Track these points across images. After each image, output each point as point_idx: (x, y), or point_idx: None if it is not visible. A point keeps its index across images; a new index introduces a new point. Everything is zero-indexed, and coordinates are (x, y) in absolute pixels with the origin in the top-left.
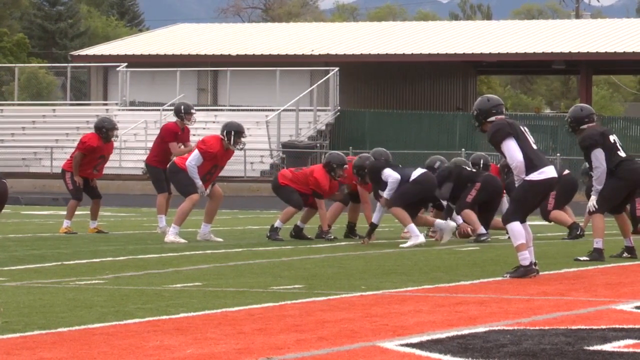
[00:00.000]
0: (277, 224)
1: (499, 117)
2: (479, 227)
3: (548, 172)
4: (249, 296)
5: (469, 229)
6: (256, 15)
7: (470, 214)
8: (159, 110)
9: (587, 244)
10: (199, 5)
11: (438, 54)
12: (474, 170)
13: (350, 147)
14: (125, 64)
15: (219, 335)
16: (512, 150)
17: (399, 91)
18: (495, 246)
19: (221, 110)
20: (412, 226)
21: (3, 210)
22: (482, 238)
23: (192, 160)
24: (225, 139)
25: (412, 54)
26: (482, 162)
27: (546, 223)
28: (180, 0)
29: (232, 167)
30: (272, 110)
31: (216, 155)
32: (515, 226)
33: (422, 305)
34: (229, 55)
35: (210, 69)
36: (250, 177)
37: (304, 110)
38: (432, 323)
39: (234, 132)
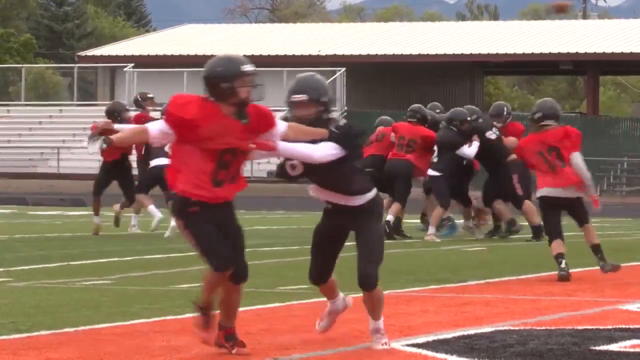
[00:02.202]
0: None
1: None
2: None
3: None
4: (255, 297)
5: None
6: (263, 16)
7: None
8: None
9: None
10: (206, 5)
11: (445, 54)
12: None
13: None
14: (132, 64)
15: None
16: None
17: (406, 92)
18: (501, 246)
19: None
20: None
21: (10, 211)
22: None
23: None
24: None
25: (419, 54)
26: None
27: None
28: (187, 0)
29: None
30: (280, 110)
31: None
32: None
33: (428, 305)
34: None
35: None
36: (257, 178)
37: None
38: (438, 323)
39: None
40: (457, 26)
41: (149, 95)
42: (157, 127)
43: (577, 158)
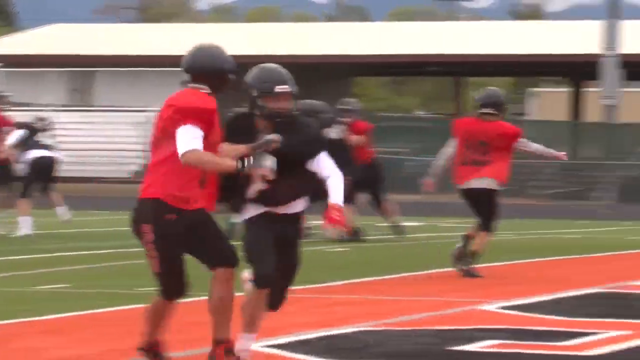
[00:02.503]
0: None
1: None
2: None
3: None
4: (117, 297)
5: None
6: (132, 17)
7: None
8: (33, 110)
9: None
10: (75, 5)
11: (313, 55)
12: None
13: None
14: (1, 64)
15: (86, 337)
16: None
17: None
18: (365, 247)
19: (96, 111)
20: None
21: None
22: None
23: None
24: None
25: (287, 54)
26: None
27: (416, 224)
28: (57, 0)
29: (109, 169)
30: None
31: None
32: None
33: (293, 306)
34: (105, 55)
35: (85, 69)
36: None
37: None
38: (302, 324)
39: None
40: (326, 27)
41: (3, 94)
42: (195, 138)
43: (527, 144)
